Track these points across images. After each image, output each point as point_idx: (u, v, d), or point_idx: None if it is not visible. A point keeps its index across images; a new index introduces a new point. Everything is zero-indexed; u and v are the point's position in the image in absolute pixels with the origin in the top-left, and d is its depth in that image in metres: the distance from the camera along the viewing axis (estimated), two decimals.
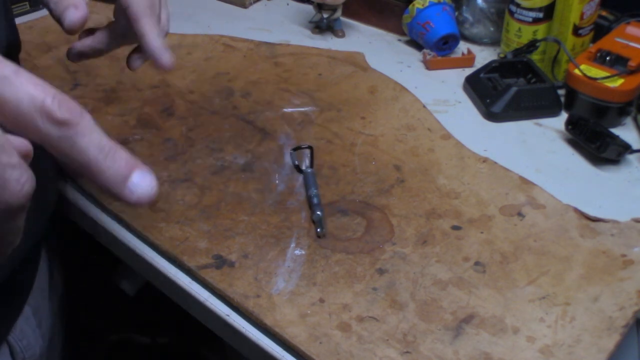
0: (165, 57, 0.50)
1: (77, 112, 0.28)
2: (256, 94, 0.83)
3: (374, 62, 0.90)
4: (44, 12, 1.05)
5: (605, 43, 0.79)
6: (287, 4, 1.07)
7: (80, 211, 0.68)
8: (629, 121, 0.78)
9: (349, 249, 0.61)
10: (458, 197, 0.67)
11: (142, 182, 0.30)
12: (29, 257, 0.61)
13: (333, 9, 0.95)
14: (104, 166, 0.29)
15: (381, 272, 0.58)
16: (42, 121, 0.27)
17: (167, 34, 0.53)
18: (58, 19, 0.47)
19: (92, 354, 1.16)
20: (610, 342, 0.52)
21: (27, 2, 1.03)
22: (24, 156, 0.27)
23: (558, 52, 0.83)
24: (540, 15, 0.84)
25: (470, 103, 0.83)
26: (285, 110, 0.80)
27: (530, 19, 0.84)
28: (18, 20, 0.55)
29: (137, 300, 1.02)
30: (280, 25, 1.01)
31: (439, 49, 0.90)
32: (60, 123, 0.27)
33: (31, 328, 0.61)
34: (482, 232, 0.62)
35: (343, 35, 0.97)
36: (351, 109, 0.80)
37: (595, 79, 0.75)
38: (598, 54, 0.78)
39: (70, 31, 0.46)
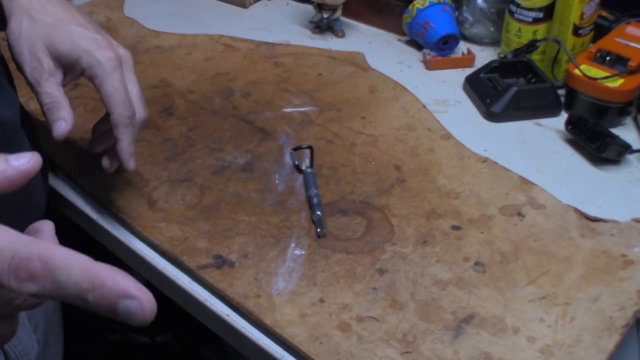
0: (129, 164, 0.58)
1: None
2: (256, 94, 0.83)
3: (374, 62, 0.90)
4: None
5: (605, 43, 0.79)
6: (287, 4, 1.07)
7: (79, 211, 0.68)
8: (629, 121, 0.78)
9: (349, 249, 0.61)
10: (458, 197, 0.67)
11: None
12: None
13: (333, 9, 0.95)
14: None
15: (381, 272, 0.58)
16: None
17: (144, 123, 0.60)
18: (47, 123, 0.54)
19: (92, 354, 1.16)
20: (610, 342, 0.52)
21: None
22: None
23: (558, 52, 0.83)
24: (540, 15, 0.84)
25: (470, 103, 0.83)
26: (285, 110, 0.80)
27: (530, 19, 0.84)
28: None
29: None
30: (280, 25, 1.01)
31: (439, 49, 0.90)
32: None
33: (27, 333, 0.61)
34: (482, 232, 0.62)
35: (343, 35, 0.97)
36: (351, 109, 0.80)
37: (595, 79, 0.75)
38: (598, 54, 0.78)
39: (56, 140, 0.55)
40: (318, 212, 0.63)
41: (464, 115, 0.80)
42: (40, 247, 0.27)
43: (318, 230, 0.62)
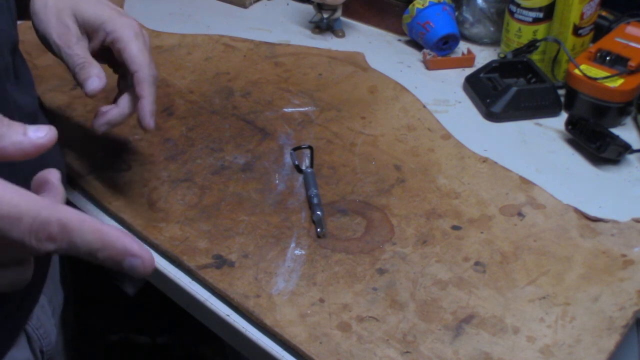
0: (150, 121, 0.57)
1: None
2: (256, 94, 0.83)
3: (374, 62, 0.90)
4: None
5: (605, 43, 0.79)
6: (287, 4, 1.07)
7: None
8: (629, 121, 0.78)
9: (349, 249, 0.61)
10: (458, 197, 0.67)
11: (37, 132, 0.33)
12: None
13: (333, 9, 0.95)
14: None
15: (381, 272, 0.58)
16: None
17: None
18: (79, 83, 0.56)
19: (92, 354, 1.16)
20: (610, 342, 0.52)
21: None
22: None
23: (558, 52, 0.83)
24: (540, 15, 0.84)
25: (470, 103, 0.83)
26: (285, 110, 0.80)
27: (530, 19, 0.84)
28: (18, 21, 0.57)
29: (137, 300, 1.02)
30: (280, 25, 1.01)
31: (439, 49, 0.90)
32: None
33: (47, 316, 0.62)
34: (482, 232, 0.62)
35: (343, 35, 0.97)
36: (351, 109, 0.80)
37: (595, 79, 0.75)
38: (598, 54, 0.78)
39: (90, 96, 0.56)
40: (318, 212, 0.63)
41: (464, 115, 0.80)
42: (58, 212, 0.31)
43: (318, 230, 0.62)
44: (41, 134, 0.32)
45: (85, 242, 0.31)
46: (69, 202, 0.69)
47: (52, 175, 0.37)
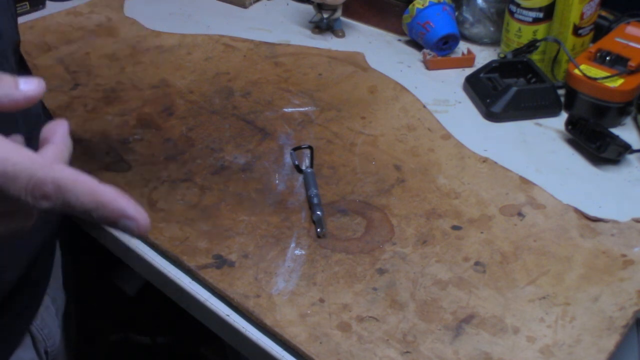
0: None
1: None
2: (256, 94, 0.83)
3: (374, 62, 0.90)
4: (44, 12, 1.05)
5: (605, 43, 0.79)
6: (287, 4, 1.07)
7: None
8: (629, 121, 0.78)
9: (349, 249, 0.61)
10: (458, 197, 0.67)
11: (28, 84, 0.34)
12: (47, 246, 0.62)
13: (333, 9, 0.95)
14: None
15: (381, 272, 0.58)
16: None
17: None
18: None
19: (92, 354, 1.16)
20: (610, 342, 0.52)
21: (27, 2, 1.04)
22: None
23: (558, 52, 0.83)
24: (540, 15, 0.84)
25: (470, 103, 0.83)
26: (285, 110, 0.80)
27: (530, 19, 0.84)
28: (18, 20, 0.57)
29: (137, 300, 1.02)
30: (280, 25, 1.01)
31: (439, 49, 0.90)
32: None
33: (51, 317, 0.62)
34: (482, 232, 0.62)
35: (343, 35, 0.97)
36: (351, 109, 0.80)
37: (595, 79, 0.75)
38: (598, 54, 0.78)
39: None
40: (318, 212, 0.63)
41: (464, 115, 0.80)
42: (54, 172, 0.32)
43: (318, 230, 0.62)
44: (32, 87, 0.34)
45: (79, 202, 0.32)
46: None
47: (60, 128, 0.37)
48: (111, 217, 0.32)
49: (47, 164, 0.32)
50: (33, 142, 0.35)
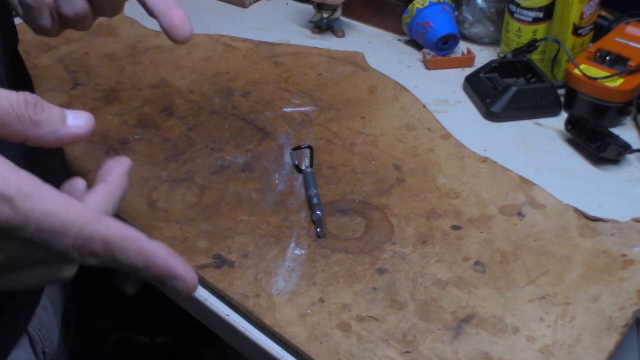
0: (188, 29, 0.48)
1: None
2: (256, 94, 0.83)
3: (374, 62, 0.90)
4: None
5: (605, 43, 0.79)
6: (287, 4, 1.07)
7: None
8: (629, 121, 0.78)
9: (349, 249, 0.61)
10: (458, 197, 0.67)
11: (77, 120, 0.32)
12: None
13: (333, 9, 0.95)
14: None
15: (381, 272, 0.58)
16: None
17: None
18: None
19: (92, 354, 1.16)
20: (610, 342, 0.52)
21: None
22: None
23: (558, 52, 0.83)
24: (540, 15, 0.84)
25: (470, 103, 0.83)
26: (285, 110, 0.80)
27: (530, 19, 0.84)
28: (18, 20, 0.56)
29: (137, 300, 1.02)
30: (280, 25, 1.01)
31: (439, 49, 0.90)
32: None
33: (49, 317, 0.62)
34: (482, 232, 0.62)
35: (343, 35, 0.97)
36: (351, 109, 0.80)
37: (595, 79, 0.75)
38: (598, 54, 0.78)
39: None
40: (318, 212, 0.63)
41: (464, 115, 0.80)
42: (102, 229, 0.30)
43: (318, 230, 0.62)
44: (80, 124, 0.31)
45: (129, 261, 0.30)
46: None
47: (119, 167, 0.35)
48: (160, 278, 0.31)
49: (96, 218, 0.30)
50: (36, 148, 0.33)
